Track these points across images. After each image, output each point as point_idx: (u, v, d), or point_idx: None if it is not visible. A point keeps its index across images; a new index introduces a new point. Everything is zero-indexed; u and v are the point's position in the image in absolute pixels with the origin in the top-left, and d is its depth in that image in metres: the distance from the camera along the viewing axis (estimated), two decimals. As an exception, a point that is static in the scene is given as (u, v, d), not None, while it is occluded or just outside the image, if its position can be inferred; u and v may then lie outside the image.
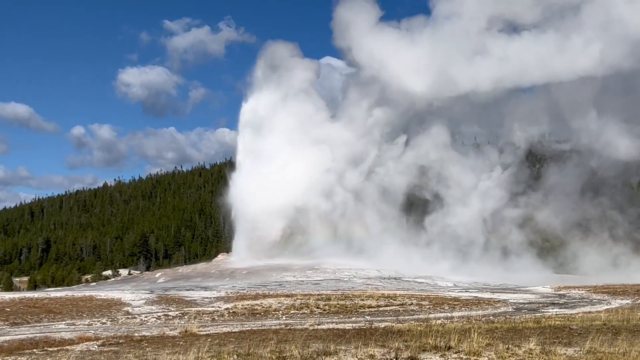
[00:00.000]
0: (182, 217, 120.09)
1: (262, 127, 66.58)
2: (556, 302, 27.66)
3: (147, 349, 10.77)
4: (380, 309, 23.93)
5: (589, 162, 63.62)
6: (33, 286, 78.65)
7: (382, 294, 28.91)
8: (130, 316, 21.89)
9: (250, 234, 61.67)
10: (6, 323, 19.69)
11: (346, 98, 70.98)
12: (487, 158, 68.65)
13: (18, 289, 77.61)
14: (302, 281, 42.17)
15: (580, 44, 60.75)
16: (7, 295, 27.44)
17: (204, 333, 14.32)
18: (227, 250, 70.15)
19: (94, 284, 61.02)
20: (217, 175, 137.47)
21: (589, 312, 21.28)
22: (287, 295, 27.86)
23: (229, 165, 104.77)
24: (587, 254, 60.64)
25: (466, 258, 60.08)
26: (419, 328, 13.23)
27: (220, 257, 64.73)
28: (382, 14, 68.65)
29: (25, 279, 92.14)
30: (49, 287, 70.80)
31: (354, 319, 20.48)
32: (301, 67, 69.67)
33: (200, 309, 23.68)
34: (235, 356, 9.26)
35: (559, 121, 70.97)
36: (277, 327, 16.32)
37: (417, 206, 71.06)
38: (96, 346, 11.49)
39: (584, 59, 59.63)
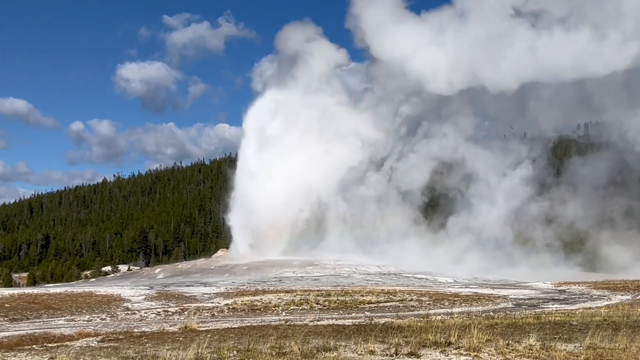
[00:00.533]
0: (182, 212, 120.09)
1: (274, 118, 65.00)
2: (556, 298, 27.68)
3: (147, 345, 10.76)
4: (380, 304, 23.94)
5: (618, 156, 62.11)
6: (32, 282, 78.71)
7: (382, 289, 28.94)
8: (129, 312, 21.89)
9: (256, 230, 61.14)
10: (6, 319, 19.69)
11: (367, 93, 69.24)
12: (513, 152, 66.79)
13: (17, 285, 77.65)
14: (302, 277, 42.16)
15: (612, 38, 57.92)
16: (7, 291, 27.45)
17: (204, 329, 14.31)
18: (227, 246, 70.02)
19: (94, 279, 61.08)
20: (216, 171, 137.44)
21: (589, 308, 21.30)
22: (287, 291, 27.87)
23: (229, 161, 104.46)
24: (615, 250, 59.23)
25: (491, 257, 58.58)
26: (418, 324, 13.21)
27: (219, 253, 64.66)
28: (403, 5, 66.87)
29: (25, 274, 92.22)
30: (48, 283, 70.82)
31: (353, 314, 20.49)
32: (322, 54, 67.29)
33: (199, 304, 23.69)
34: (235, 352, 9.24)
35: (587, 115, 69.61)
36: (277, 322, 16.32)
37: (439, 203, 69.74)
38: (96, 342, 11.48)
39: (614, 53, 57.16)
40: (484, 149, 66.53)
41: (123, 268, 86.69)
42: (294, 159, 61.48)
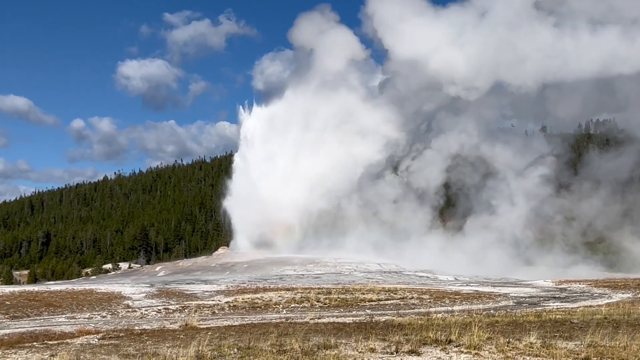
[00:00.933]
0: (183, 210, 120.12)
1: (289, 114, 64.55)
2: (557, 296, 27.63)
3: (148, 343, 10.76)
4: (381, 302, 23.92)
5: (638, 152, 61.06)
6: (33, 279, 78.85)
7: (383, 287, 28.92)
8: (130, 310, 21.88)
9: (263, 228, 60.66)
10: (6, 316, 19.69)
11: (385, 90, 68.31)
12: (533, 149, 65.45)
13: (18, 283, 77.78)
14: (303, 275, 42.12)
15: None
16: (7, 289, 27.45)
17: (205, 326, 14.31)
18: (228, 244, 69.91)
19: (94, 277, 61.03)
20: (217, 168, 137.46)
21: (590, 306, 21.27)
22: (288, 289, 27.86)
23: (230, 158, 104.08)
24: (638, 247, 58.11)
25: (510, 256, 57.53)
26: (419, 322, 13.22)
27: (220, 250, 64.60)
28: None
29: (26, 272, 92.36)
30: (49, 280, 71.00)
31: (354, 312, 20.47)
32: (340, 45, 65.87)
33: (200, 302, 23.68)
34: (235, 350, 9.24)
35: (608, 111, 68.39)
36: (278, 320, 16.32)
37: (458, 202, 68.26)
38: (96, 339, 11.48)
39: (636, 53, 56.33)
40: (503, 146, 65.27)
41: (124, 266, 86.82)
42: (310, 155, 60.91)
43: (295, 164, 61.57)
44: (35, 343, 11.29)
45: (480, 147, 64.85)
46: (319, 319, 16.19)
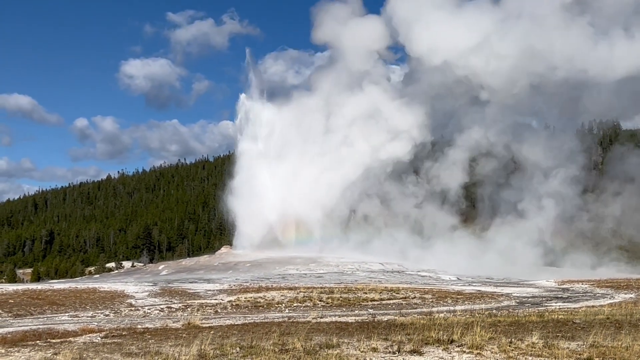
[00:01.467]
0: (186, 209, 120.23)
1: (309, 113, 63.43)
2: (560, 296, 27.60)
3: (150, 341, 10.78)
4: (383, 302, 23.91)
5: None
6: (36, 278, 78.98)
7: (385, 287, 28.92)
8: (133, 308, 21.91)
9: (266, 227, 60.16)
10: (9, 315, 19.73)
11: (408, 89, 66.75)
12: (561, 149, 63.40)
13: (21, 281, 77.90)
14: (305, 274, 42.10)
15: None
16: (11, 287, 27.49)
17: (207, 325, 14.33)
18: (230, 243, 69.82)
19: (97, 276, 61.10)
20: (220, 167, 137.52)
21: (593, 306, 21.22)
22: (290, 288, 27.86)
23: (233, 157, 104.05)
24: None
25: (537, 257, 56.63)
26: (421, 321, 13.21)
27: (223, 249, 64.51)
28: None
29: (29, 270, 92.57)
30: (52, 279, 71.05)
31: (356, 312, 20.46)
32: (363, 42, 64.30)
33: (203, 301, 23.70)
34: (238, 348, 9.25)
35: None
36: (280, 319, 16.32)
37: (483, 203, 66.69)
38: (99, 338, 11.50)
39: None
40: (530, 143, 63.84)
41: (127, 264, 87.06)
42: (332, 155, 60.38)
43: (314, 164, 60.99)
44: (38, 341, 11.32)
45: (506, 144, 63.63)
46: (321, 318, 16.19)
